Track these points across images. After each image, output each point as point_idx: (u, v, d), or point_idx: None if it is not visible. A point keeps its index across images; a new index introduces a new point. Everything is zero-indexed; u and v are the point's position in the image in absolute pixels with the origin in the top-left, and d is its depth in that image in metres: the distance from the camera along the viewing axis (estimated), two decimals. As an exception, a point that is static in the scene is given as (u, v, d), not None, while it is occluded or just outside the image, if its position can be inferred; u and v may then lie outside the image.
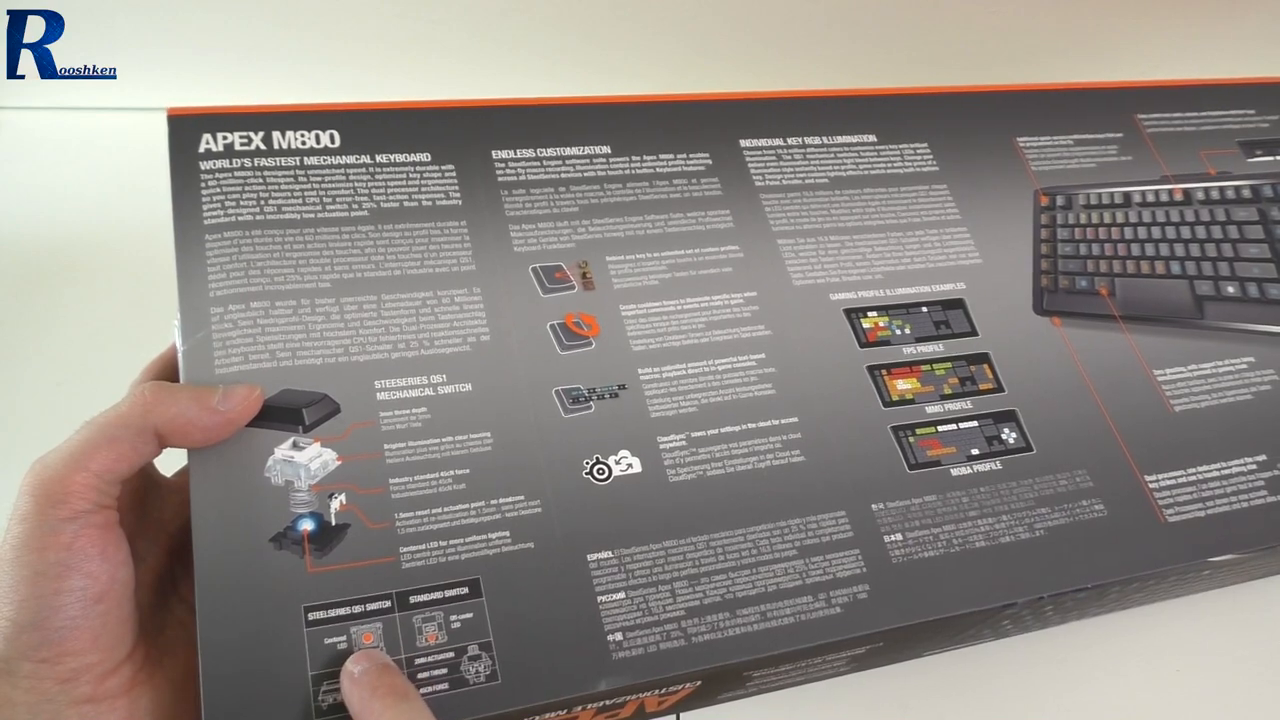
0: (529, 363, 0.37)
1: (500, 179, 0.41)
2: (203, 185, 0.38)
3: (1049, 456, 0.40)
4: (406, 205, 0.40)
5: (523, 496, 0.35)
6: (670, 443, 0.37)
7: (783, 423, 0.39)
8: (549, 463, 0.36)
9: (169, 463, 0.36)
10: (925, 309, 0.43)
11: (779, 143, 0.46)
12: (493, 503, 0.34)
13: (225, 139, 0.39)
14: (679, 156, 0.44)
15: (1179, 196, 0.49)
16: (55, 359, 0.57)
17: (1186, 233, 0.48)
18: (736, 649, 0.34)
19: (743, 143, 0.46)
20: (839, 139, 0.47)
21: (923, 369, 0.42)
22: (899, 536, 0.37)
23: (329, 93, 0.56)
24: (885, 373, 0.41)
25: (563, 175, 0.42)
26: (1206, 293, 0.47)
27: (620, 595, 0.34)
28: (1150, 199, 0.49)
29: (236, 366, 0.35)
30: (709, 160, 0.45)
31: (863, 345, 0.41)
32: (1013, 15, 0.71)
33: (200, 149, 0.39)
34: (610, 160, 0.43)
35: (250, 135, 0.39)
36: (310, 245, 0.38)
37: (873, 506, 0.38)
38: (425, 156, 0.41)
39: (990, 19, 0.71)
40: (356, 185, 0.39)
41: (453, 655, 0.31)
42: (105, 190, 0.64)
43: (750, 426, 0.38)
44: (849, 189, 0.46)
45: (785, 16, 0.68)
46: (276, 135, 0.40)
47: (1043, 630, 0.47)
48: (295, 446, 0.33)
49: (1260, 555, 0.42)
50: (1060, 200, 0.49)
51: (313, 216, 0.38)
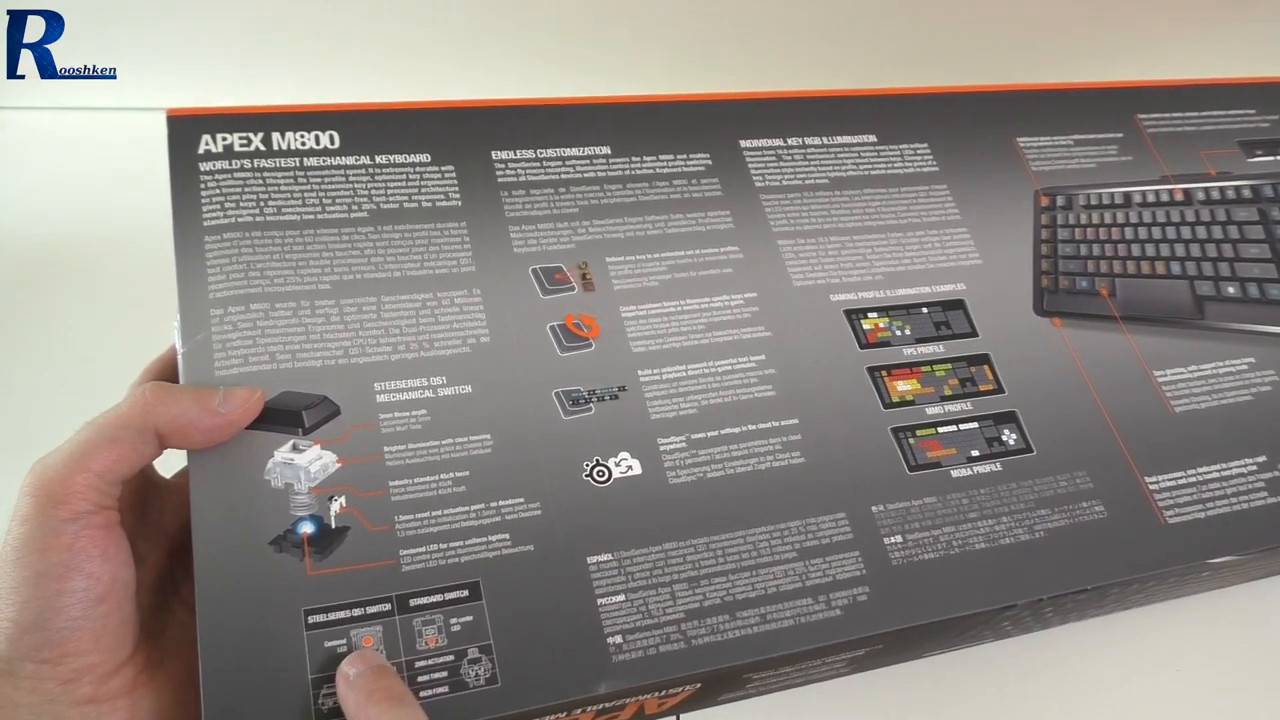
0: (529, 364, 0.37)
1: (500, 180, 0.41)
2: (202, 186, 0.38)
3: (1049, 458, 0.40)
4: (406, 206, 0.40)
5: (523, 499, 0.35)
6: (670, 444, 0.37)
7: (783, 424, 0.39)
8: (549, 465, 0.36)
9: (168, 464, 0.36)
10: (925, 310, 0.43)
11: (779, 143, 0.46)
12: (493, 505, 0.34)
13: (225, 140, 0.39)
14: (679, 157, 0.44)
15: (1179, 197, 0.49)
16: (55, 359, 0.57)
17: (1187, 233, 0.48)
18: (736, 651, 0.34)
19: (743, 143, 0.46)
20: (839, 139, 0.47)
21: (923, 370, 0.42)
22: (899, 538, 0.37)
23: (329, 93, 0.56)
24: (885, 374, 0.41)
25: (563, 176, 0.42)
26: (1207, 293, 0.47)
27: (620, 598, 0.34)
28: (1150, 199, 0.49)
29: (236, 368, 0.35)
30: (709, 161, 0.44)
31: (863, 346, 0.41)
32: (1013, 16, 0.71)
33: (200, 150, 0.38)
34: (610, 161, 0.43)
35: (250, 136, 0.39)
36: (310, 247, 0.38)
37: (873, 508, 0.38)
38: (425, 157, 0.41)
39: (990, 19, 0.71)
40: (356, 186, 0.39)
41: (453, 658, 0.31)
42: (105, 190, 0.64)
43: (750, 428, 0.38)
44: (849, 189, 0.46)
45: (785, 17, 0.68)
46: (276, 136, 0.40)
47: (1043, 631, 0.47)
48: (295, 449, 0.33)
49: (1260, 556, 0.42)
50: (1060, 200, 0.49)
51: (312, 218, 0.38)
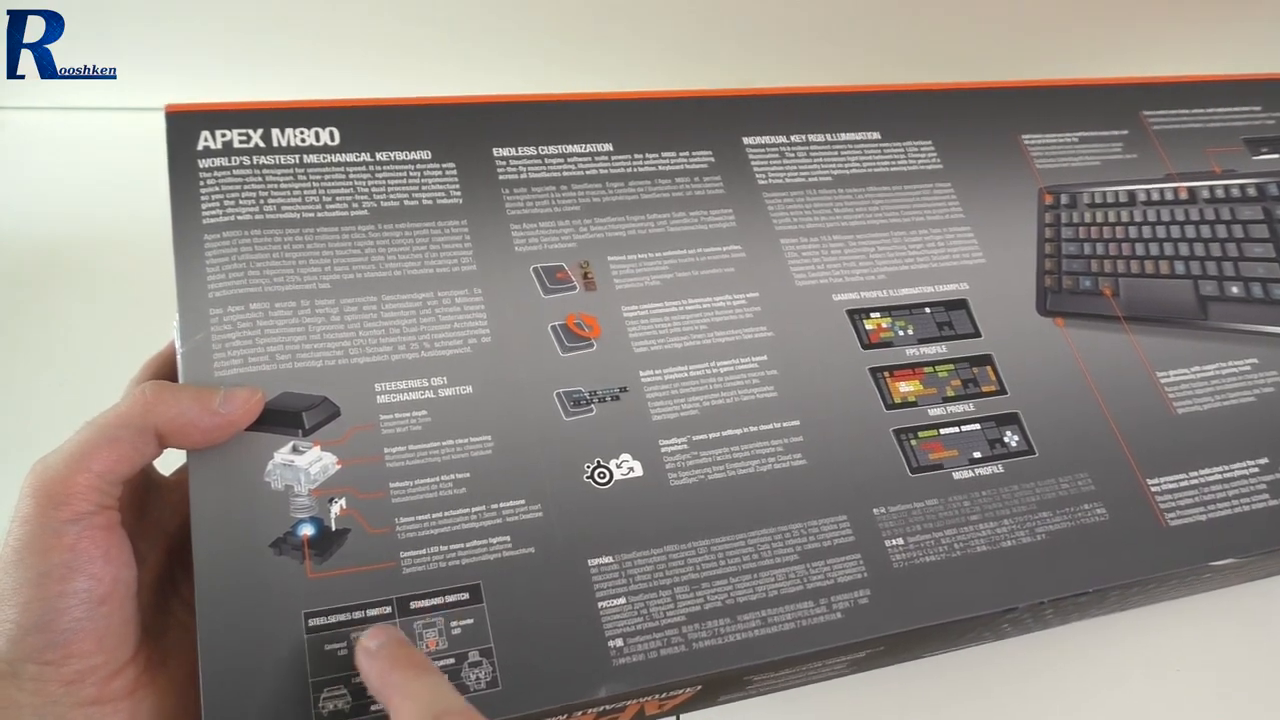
0: (530, 365, 0.37)
1: (501, 177, 0.41)
2: (201, 184, 0.37)
3: (1051, 460, 0.40)
4: (407, 204, 0.39)
5: (523, 501, 0.35)
6: (672, 446, 0.37)
7: (784, 425, 0.38)
8: (550, 466, 0.35)
9: (166, 463, 0.36)
10: (928, 310, 0.43)
11: (782, 140, 0.46)
12: (493, 507, 0.34)
13: (224, 136, 0.39)
14: (681, 154, 0.44)
15: (1184, 195, 0.49)
16: (55, 359, 0.56)
17: (1191, 232, 0.48)
18: (737, 655, 0.34)
19: (745, 140, 0.45)
20: (842, 137, 0.47)
21: (925, 371, 0.41)
22: (900, 541, 0.37)
23: (330, 92, 0.55)
24: (888, 375, 0.41)
25: (564, 173, 0.42)
26: (1210, 293, 0.47)
27: (621, 600, 0.34)
28: (1155, 198, 0.49)
29: (235, 369, 0.34)
30: (711, 158, 0.44)
31: (865, 347, 0.41)
32: (1017, 12, 0.70)
33: (199, 146, 0.38)
34: (612, 158, 0.43)
35: (249, 133, 0.39)
36: (310, 245, 0.37)
37: (874, 510, 0.38)
38: (426, 154, 0.41)
39: (994, 16, 0.70)
40: (356, 184, 0.39)
41: (453, 661, 0.31)
42: (105, 190, 0.63)
43: (752, 429, 0.38)
44: (852, 187, 0.45)
45: (788, 13, 0.68)
46: (275, 133, 0.39)
47: (1043, 631, 0.47)
48: (295, 450, 0.33)
49: (1262, 558, 0.42)
50: (1065, 199, 0.48)
51: (312, 216, 0.38)
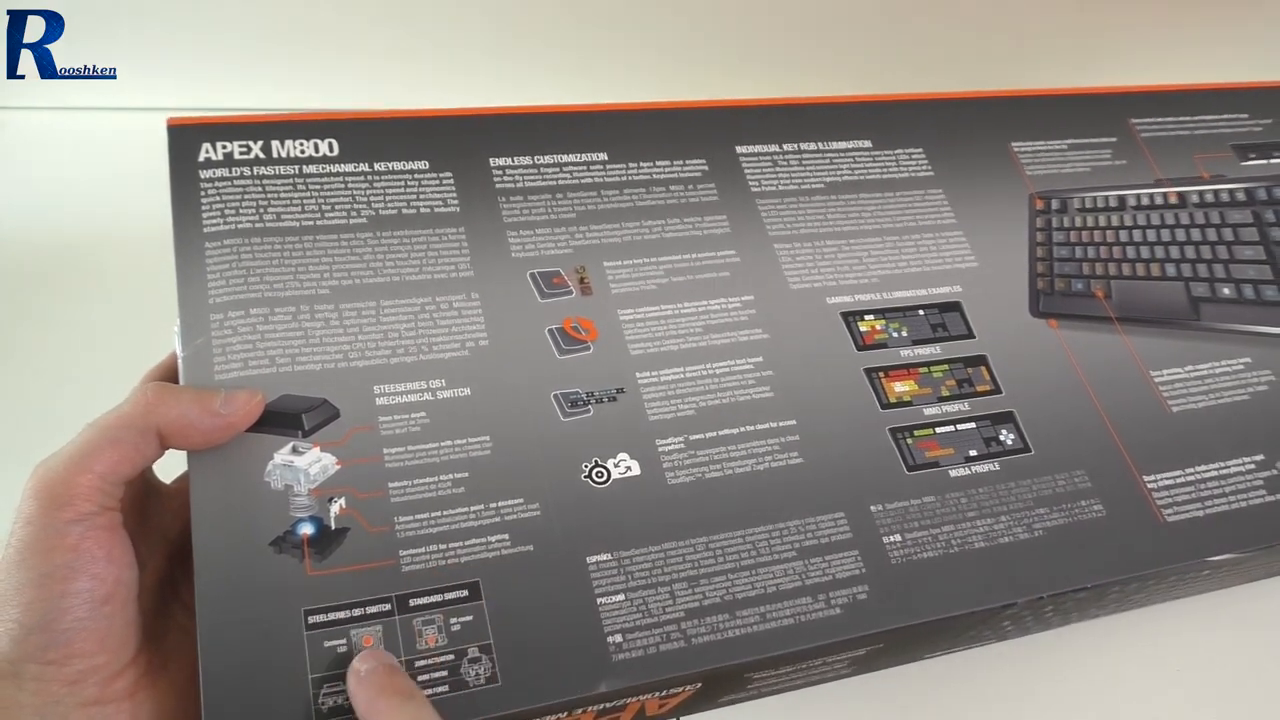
0: (527, 367, 0.38)
1: (498, 186, 0.42)
2: (202, 193, 0.38)
3: (1047, 457, 0.41)
4: (405, 212, 0.40)
5: (522, 500, 0.35)
6: (669, 445, 0.37)
7: (781, 425, 0.39)
8: (548, 466, 0.36)
9: (168, 471, 0.36)
10: (922, 312, 0.43)
11: (775, 148, 0.46)
12: (492, 506, 0.34)
13: (225, 148, 0.39)
14: (675, 163, 0.44)
15: (1173, 199, 0.50)
16: (55, 359, 0.57)
17: (1181, 235, 0.49)
18: (736, 650, 0.34)
19: (739, 149, 0.46)
20: (834, 144, 0.48)
21: (920, 371, 0.42)
22: (898, 537, 0.37)
23: (328, 93, 0.56)
24: (883, 375, 0.41)
25: (560, 182, 0.42)
26: (1202, 294, 0.47)
27: (620, 597, 0.34)
28: (1145, 202, 0.50)
29: (236, 372, 0.35)
30: (705, 166, 0.45)
31: (860, 348, 0.42)
32: (1006, 23, 0.71)
33: (200, 158, 0.39)
34: (607, 167, 0.43)
35: (249, 144, 0.40)
36: (309, 252, 0.38)
37: (871, 508, 0.38)
38: (423, 164, 0.41)
39: (984, 27, 0.71)
40: (355, 193, 0.40)
41: (453, 658, 0.31)
42: (105, 190, 0.64)
43: (748, 429, 0.38)
44: (845, 194, 0.46)
45: (780, 24, 0.69)
46: (275, 144, 0.40)
47: (1044, 632, 0.47)
48: (295, 451, 0.34)
49: (1259, 555, 0.42)
50: (1055, 204, 0.49)
51: (311, 224, 0.38)
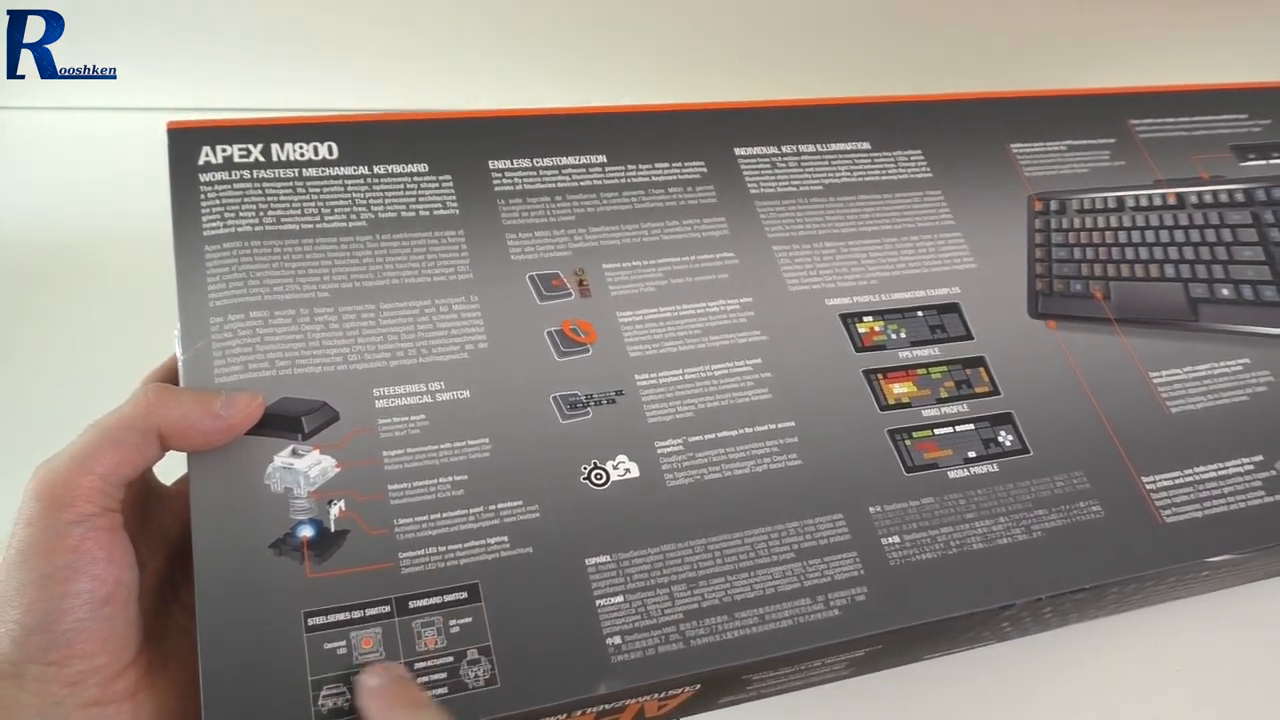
0: (526, 369, 0.38)
1: (497, 189, 0.42)
2: (202, 197, 0.38)
3: (1046, 459, 0.41)
4: (404, 215, 0.40)
5: (521, 502, 0.35)
6: (667, 447, 0.37)
7: (779, 427, 0.39)
8: (547, 468, 0.36)
9: (168, 473, 0.36)
10: (920, 313, 0.43)
11: (773, 151, 0.47)
12: (491, 508, 0.35)
13: (224, 151, 0.39)
14: (674, 165, 0.45)
15: (1172, 200, 0.50)
16: (55, 359, 0.57)
17: (1180, 236, 0.49)
18: (735, 651, 0.34)
19: (737, 151, 0.46)
20: (833, 146, 0.48)
21: (919, 373, 0.42)
22: (896, 539, 0.37)
23: (327, 93, 0.56)
24: (881, 376, 0.41)
25: (559, 184, 0.43)
26: (1201, 295, 0.47)
27: (618, 599, 0.34)
28: (1144, 203, 0.50)
29: (236, 375, 0.35)
30: (704, 168, 0.45)
31: (858, 350, 0.42)
32: (1004, 24, 0.71)
33: (200, 161, 0.39)
34: (606, 169, 0.44)
35: (249, 147, 0.40)
36: (309, 255, 0.38)
37: (870, 509, 0.38)
38: (423, 167, 0.41)
39: (982, 29, 0.71)
40: (354, 196, 0.40)
41: (452, 660, 0.32)
42: (105, 190, 0.64)
43: (747, 431, 0.38)
44: (843, 196, 0.46)
45: (778, 26, 0.69)
46: (275, 147, 0.40)
47: (1043, 634, 0.47)
48: (294, 454, 0.34)
49: (1259, 555, 0.42)
50: (1054, 205, 0.49)
51: (311, 227, 0.39)
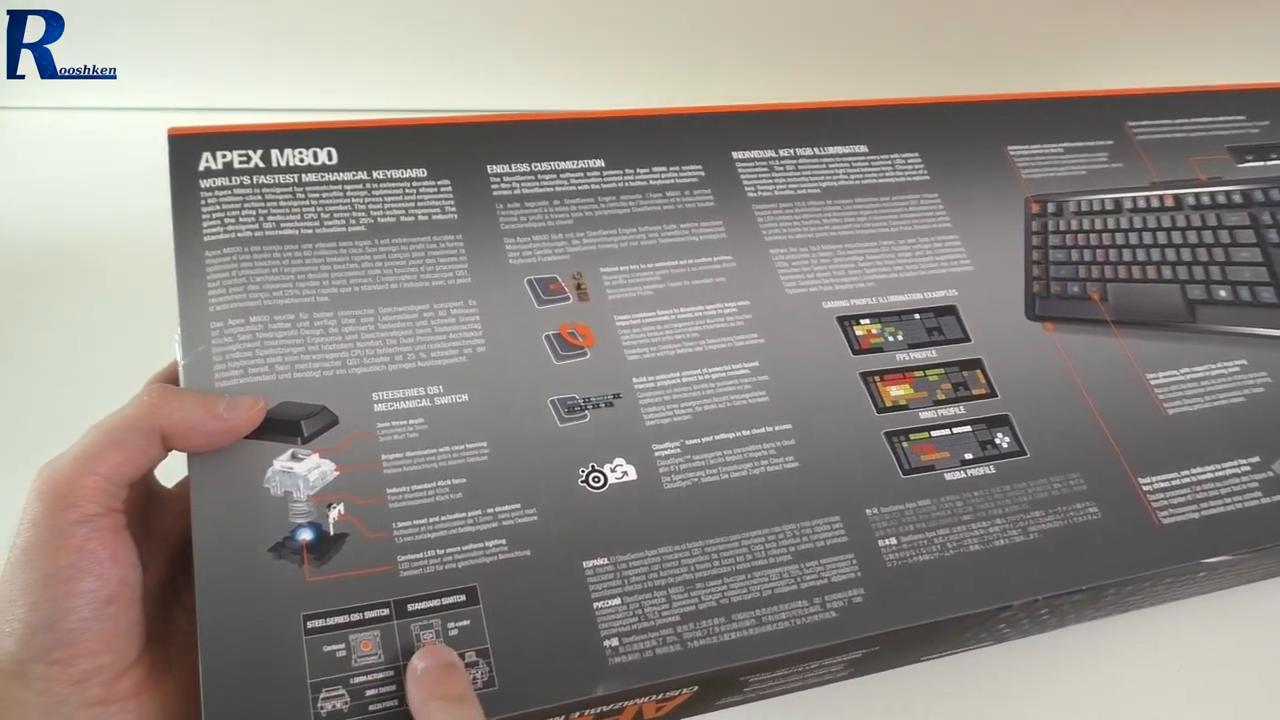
0: (525, 373, 0.38)
1: (495, 193, 0.42)
2: (202, 202, 0.38)
3: (1042, 460, 0.41)
4: (403, 220, 0.40)
5: (519, 505, 0.35)
6: (665, 450, 0.38)
7: (777, 429, 0.39)
8: (545, 471, 0.36)
9: (169, 477, 0.36)
10: (917, 316, 0.44)
11: (771, 154, 0.47)
12: (489, 511, 0.35)
13: (225, 157, 0.40)
14: (672, 169, 0.45)
15: (1169, 202, 0.50)
16: (55, 359, 0.57)
17: (1178, 238, 0.49)
18: (732, 653, 0.34)
19: (735, 154, 0.46)
20: (830, 150, 0.48)
21: (916, 375, 0.42)
22: (893, 540, 0.37)
23: (327, 93, 0.56)
24: (878, 379, 0.41)
25: (557, 189, 0.43)
26: (1198, 297, 0.47)
27: (616, 601, 0.34)
28: (1141, 205, 0.50)
29: (236, 379, 0.35)
30: (701, 172, 0.45)
31: (855, 352, 0.42)
32: (1000, 27, 0.71)
33: (200, 167, 0.39)
34: (604, 173, 0.44)
35: (249, 153, 0.40)
36: (308, 260, 0.38)
37: (867, 511, 0.38)
38: (421, 172, 0.42)
39: (979, 31, 0.71)
40: (354, 201, 0.40)
41: (450, 662, 0.32)
42: (105, 190, 0.64)
43: (744, 433, 0.39)
44: (841, 199, 0.46)
45: (776, 30, 0.69)
46: (275, 153, 0.40)
47: (1041, 635, 0.47)
48: (294, 458, 0.34)
49: (1256, 557, 0.42)
50: (1051, 207, 0.49)
51: (310, 232, 0.39)
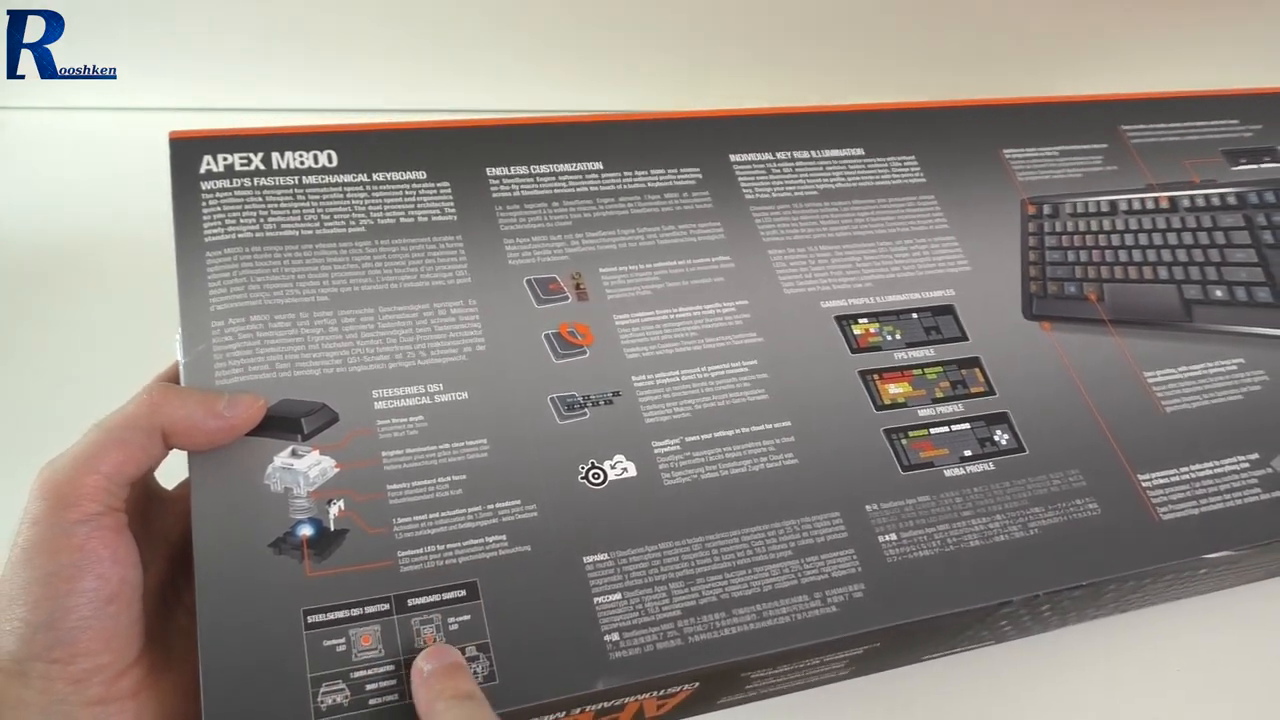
0: (524, 371, 0.38)
1: (495, 195, 0.42)
2: (203, 204, 0.39)
3: (1042, 457, 0.41)
4: (403, 221, 0.40)
5: (519, 501, 0.35)
6: (665, 447, 0.38)
7: (776, 426, 0.39)
8: (545, 468, 0.36)
9: (170, 478, 0.36)
10: (915, 315, 0.44)
11: (768, 157, 0.47)
12: (489, 507, 0.35)
13: (225, 160, 0.40)
14: (670, 171, 0.45)
15: (1165, 204, 0.50)
16: (55, 359, 0.57)
17: (1173, 239, 0.49)
18: (733, 648, 0.34)
19: (732, 157, 0.46)
20: (827, 152, 0.48)
21: (914, 373, 0.42)
22: (893, 536, 0.37)
23: (327, 93, 0.56)
24: (877, 377, 0.42)
25: (556, 191, 0.43)
26: (1195, 297, 0.47)
27: (616, 596, 0.34)
28: (1136, 207, 0.50)
29: (236, 378, 0.35)
30: (699, 175, 0.45)
31: (854, 351, 0.42)
32: (997, 30, 0.72)
33: (201, 170, 0.40)
34: (602, 176, 0.44)
35: (250, 156, 0.40)
36: (308, 260, 0.38)
37: (867, 507, 0.38)
38: (421, 174, 0.42)
39: (975, 34, 0.72)
40: (354, 202, 0.40)
41: (451, 657, 0.32)
42: (105, 190, 0.64)
43: (744, 431, 0.39)
44: (838, 201, 0.47)
45: (773, 34, 0.70)
46: (275, 156, 0.41)
47: (1043, 635, 0.47)
48: (294, 454, 0.34)
49: (1255, 553, 0.42)
50: (1048, 209, 0.49)
51: (311, 233, 0.39)
